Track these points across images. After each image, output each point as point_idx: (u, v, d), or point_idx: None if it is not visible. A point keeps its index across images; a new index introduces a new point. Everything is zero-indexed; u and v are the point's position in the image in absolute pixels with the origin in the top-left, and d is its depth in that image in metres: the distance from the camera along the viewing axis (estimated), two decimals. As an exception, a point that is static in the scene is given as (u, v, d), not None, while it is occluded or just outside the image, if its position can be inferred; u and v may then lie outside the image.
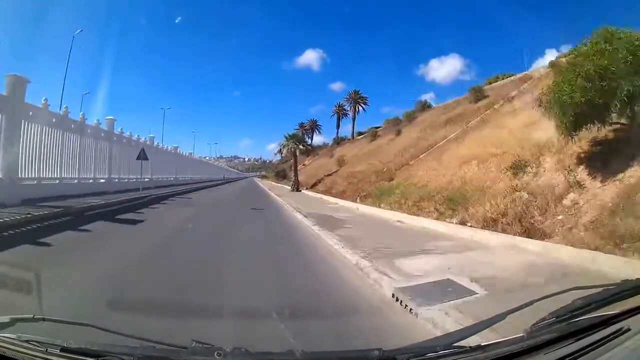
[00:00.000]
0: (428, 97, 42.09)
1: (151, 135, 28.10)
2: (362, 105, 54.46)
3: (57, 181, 13.72)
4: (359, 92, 54.91)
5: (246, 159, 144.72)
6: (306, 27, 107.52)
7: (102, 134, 18.29)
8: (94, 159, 17.19)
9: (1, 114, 10.55)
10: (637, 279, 1.53)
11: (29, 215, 8.06)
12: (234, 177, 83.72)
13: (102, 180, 17.64)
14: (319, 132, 67.70)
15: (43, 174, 12.92)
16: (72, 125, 15.14)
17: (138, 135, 24.18)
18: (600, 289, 1.39)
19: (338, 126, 57.85)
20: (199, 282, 4.14)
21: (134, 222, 9.15)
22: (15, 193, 10.35)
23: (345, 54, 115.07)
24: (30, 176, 12.15)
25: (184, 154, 39.60)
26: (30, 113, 12.07)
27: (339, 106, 57.13)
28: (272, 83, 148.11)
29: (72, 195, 13.03)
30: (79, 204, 11.09)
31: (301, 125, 63.56)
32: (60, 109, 15.04)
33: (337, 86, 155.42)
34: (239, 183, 51.91)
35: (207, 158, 77.28)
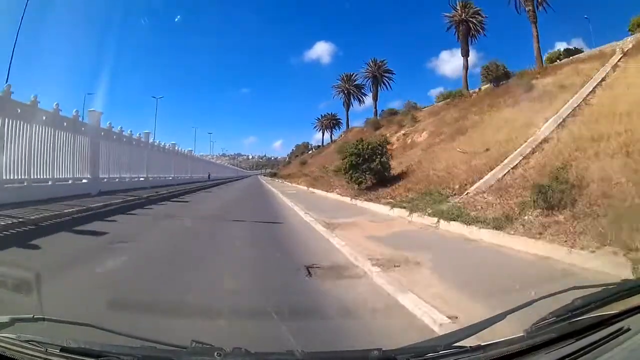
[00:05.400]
0: (437, 92, 38.93)
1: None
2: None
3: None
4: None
5: (250, 157, 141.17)
6: (316, 20, 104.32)
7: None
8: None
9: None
10: (637, 278, 1.54)
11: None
12: (230, 175, 61.61)
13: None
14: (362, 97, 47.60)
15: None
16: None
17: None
18: (600, 289, 1.39)
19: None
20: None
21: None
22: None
23: (356, 46, 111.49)
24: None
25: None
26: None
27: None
28: (281, 79, 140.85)
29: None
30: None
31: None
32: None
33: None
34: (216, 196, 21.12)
35: (210, 156, 65.09)
